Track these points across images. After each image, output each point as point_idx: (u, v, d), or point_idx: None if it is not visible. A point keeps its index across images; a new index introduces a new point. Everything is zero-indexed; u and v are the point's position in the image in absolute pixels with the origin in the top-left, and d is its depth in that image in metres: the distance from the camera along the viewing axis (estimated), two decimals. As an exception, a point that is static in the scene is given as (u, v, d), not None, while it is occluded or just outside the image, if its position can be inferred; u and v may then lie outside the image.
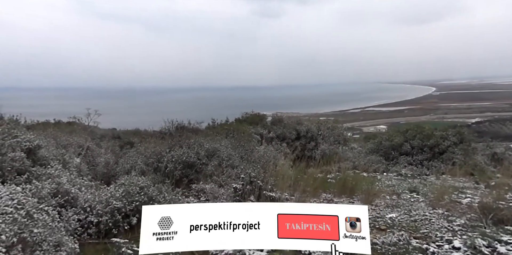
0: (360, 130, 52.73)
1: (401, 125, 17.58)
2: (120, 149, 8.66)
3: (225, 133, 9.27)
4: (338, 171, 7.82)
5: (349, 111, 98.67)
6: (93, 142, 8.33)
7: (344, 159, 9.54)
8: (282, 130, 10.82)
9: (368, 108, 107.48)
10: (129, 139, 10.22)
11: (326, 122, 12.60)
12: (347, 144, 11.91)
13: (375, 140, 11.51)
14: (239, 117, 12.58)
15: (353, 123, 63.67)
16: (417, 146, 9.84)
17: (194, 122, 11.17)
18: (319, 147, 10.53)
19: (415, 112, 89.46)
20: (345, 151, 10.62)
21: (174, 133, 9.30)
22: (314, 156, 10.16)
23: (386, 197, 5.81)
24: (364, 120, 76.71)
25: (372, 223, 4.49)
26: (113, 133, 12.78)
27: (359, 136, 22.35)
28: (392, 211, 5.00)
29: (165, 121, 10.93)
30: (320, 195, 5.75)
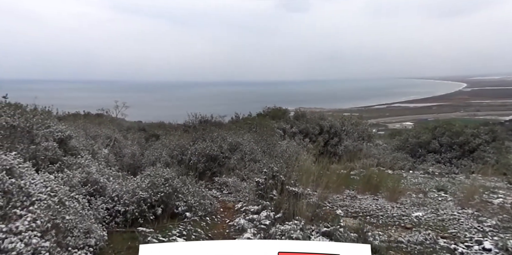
0: (386, 126, 51.46)
1: (429, 122, 17.02)
2: (145, 141, 8.87)
3: (248, 127, 9.29)
4: (362, 168, 7.69)
5: (374, 107, 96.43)
6: (120, 133, 8.56)
7: (368, 155, 9.37)
8: (305, 125, 10.72)
9: (395, 104, 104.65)
10: (154, 132, 10.43)
11: (350, 118, 12.40)
12: (371, 140, 11.69)
13: (401, 136, 11.22)
14: (261, 111, 12.54)
15: (378, 120, 62.21)
16: (446, 143, 9.52)
17: (217, 116, 11.25)
18: (342, 142, 10.39)
19: (444, 108, 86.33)
20: (370, 147, 10.42)
21: (198, 127, 9.42)
22: (337, 152, 10.03)
23: (412, 195, 5.66)
24: (389, 117, 74.81)
25: (398, 221, 4.39)
26: (139, 125, 13.07)
27: (384, 133, 21.82)
28: (418, 210, 4.87)
29: (189, 115, 11.07)
30: (343, 191, 5.67)
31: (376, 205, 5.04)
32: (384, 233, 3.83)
